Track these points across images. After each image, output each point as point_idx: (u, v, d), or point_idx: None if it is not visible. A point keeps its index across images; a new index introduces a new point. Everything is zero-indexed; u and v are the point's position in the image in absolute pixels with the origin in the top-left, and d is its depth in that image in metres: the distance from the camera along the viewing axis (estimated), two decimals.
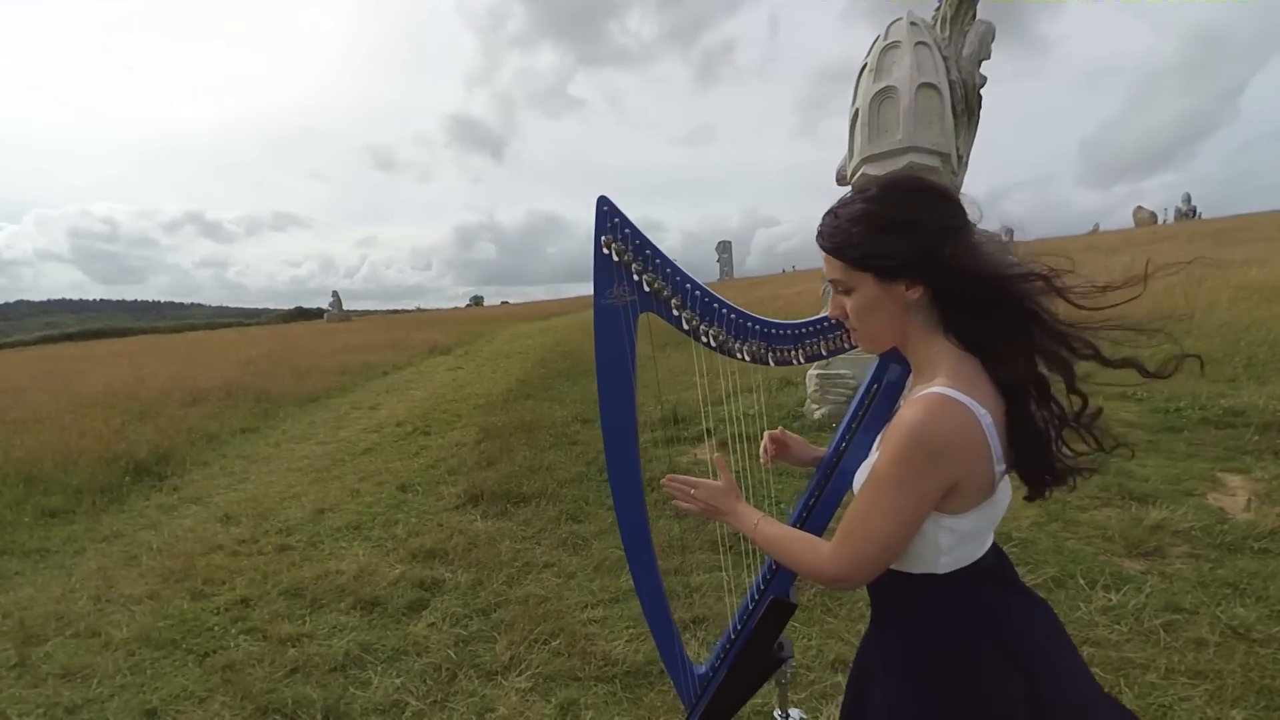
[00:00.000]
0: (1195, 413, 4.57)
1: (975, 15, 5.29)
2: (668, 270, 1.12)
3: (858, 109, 5.19)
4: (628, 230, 1.11)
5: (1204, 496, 3.38)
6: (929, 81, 4.84)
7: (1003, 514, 0.94)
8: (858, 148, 5.19)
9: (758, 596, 1.25)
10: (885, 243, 0.87)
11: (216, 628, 2.91)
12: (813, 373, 5.55)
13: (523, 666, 2.44)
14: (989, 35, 5.28)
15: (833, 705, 2.07)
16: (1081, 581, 2.65)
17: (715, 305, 1.12)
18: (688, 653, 1.36)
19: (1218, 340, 6.04)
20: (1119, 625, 2.36)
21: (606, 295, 1.14)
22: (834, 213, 0.93)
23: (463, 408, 7.86)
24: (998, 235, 0.95)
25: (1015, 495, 0.97)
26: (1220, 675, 2.05)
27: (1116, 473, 3.64)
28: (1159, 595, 2.50)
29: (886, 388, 1.13)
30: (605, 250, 1.12)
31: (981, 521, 0.90)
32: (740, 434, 1.38)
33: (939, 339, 0.91)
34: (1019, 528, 3.11)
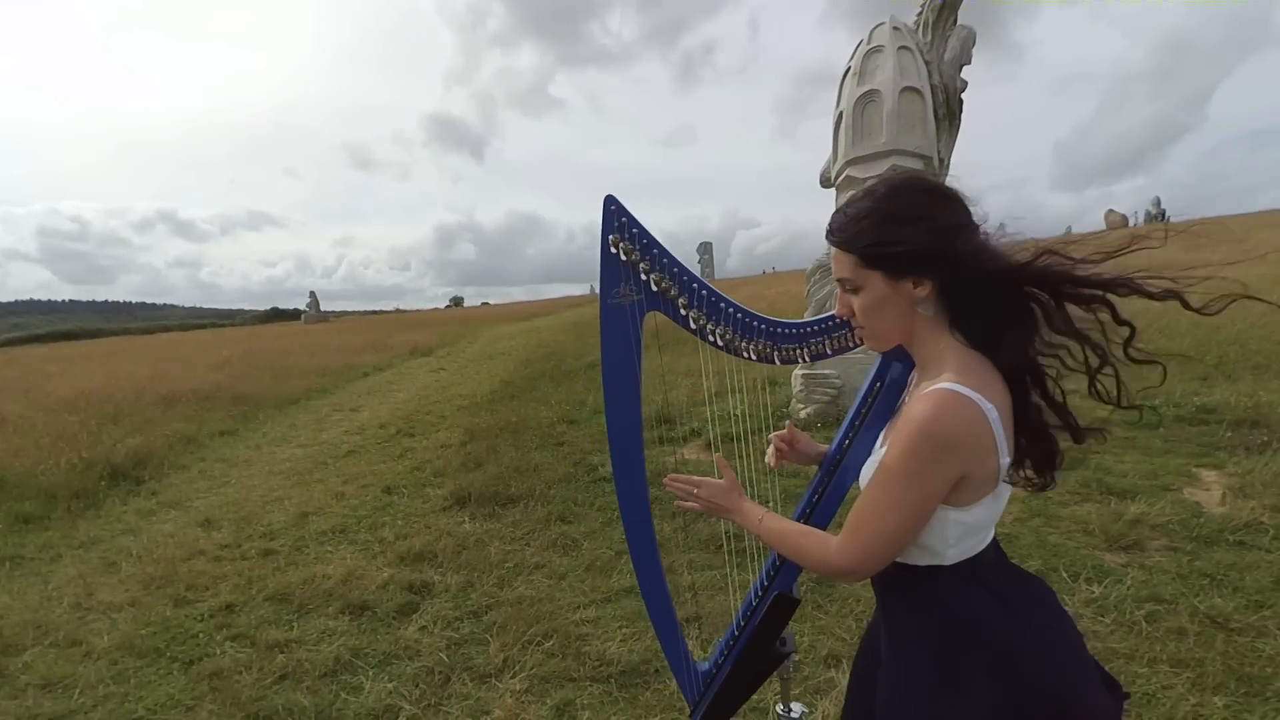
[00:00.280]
0: (1170, 410, 4.70)
1: (956, 20, 5.38)
2: (675, 270, 1.13)
3: (842, 112, 5.26)
4: (635, 230, 1.11)
5: (1180, 491, 3.47)
6: (912, 85, 4.92)
7: (1005, 506, 0.96)
8: (842, 150, 5.26)
9: (761, 593, 1.26)
10: (896, 232, 0.89)
11: (201, 634, 2.85)
12: (798, 373, 5.60)
13: (517, 668, 2.43)
14: (970, 40, 5.38)
15: (827, 700, 2.09)
16: (1065, 575, 2.71)
17: (722, 305, 1.13)
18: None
19: (1190, 340, 6.22)
20: (1103, 617, 2.42)
21: (613, 295, 1.14)
22: (843, 210, 0.95)
23: (447, 409, 7.81)
24: (997, 234, 0.98)
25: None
26: (1201, 663, 2.12)
27: (1095, 469, 3.73)
28: (1140, 587, 2.57)
29: (889, 385, 1.15)
30: (613, 250, 1.12)
31: (987, 514, 0.92)
32: (730, 434, 1.38)
33: (945, 335, 0.93)
34: (1002, 523, 3.17)
